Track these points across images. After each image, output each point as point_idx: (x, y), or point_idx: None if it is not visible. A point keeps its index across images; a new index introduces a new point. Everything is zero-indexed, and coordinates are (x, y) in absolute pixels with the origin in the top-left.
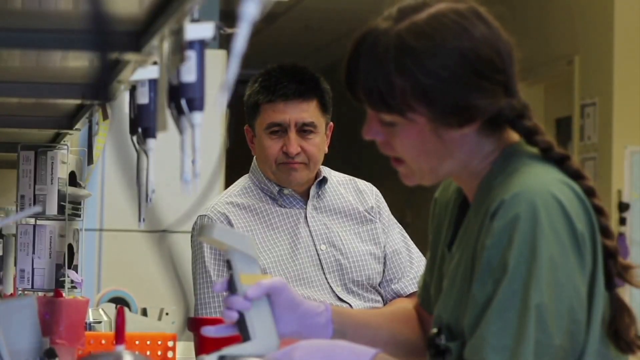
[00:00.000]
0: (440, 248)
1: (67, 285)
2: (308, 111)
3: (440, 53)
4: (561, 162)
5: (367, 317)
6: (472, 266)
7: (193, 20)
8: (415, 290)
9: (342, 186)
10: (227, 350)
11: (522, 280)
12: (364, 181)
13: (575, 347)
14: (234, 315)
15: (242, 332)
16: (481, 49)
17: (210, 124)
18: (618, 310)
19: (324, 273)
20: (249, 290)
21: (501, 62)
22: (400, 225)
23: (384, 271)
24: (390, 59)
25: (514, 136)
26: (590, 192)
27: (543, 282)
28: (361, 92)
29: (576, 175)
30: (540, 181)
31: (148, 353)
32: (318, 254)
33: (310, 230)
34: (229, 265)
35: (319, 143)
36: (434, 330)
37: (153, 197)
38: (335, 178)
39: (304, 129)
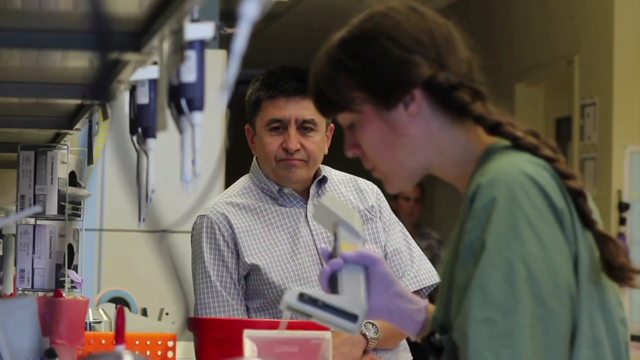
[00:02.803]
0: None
1: (67, 285)
2: (309, 109)
3: (368, 40)
4: (533, 151)
5: None
6: (457, 256)
7: (193, 20)
8: (416, 289)
9: (342, 185)
10: (310, 291)
11: (502, 254)
12: (365, 180)
13: (570, 312)
14: (327, 271)
15: (333, 292)
16: (406, 28)
17: (210, 124)
18: (603, 242)
19: None
20: (346, 253)
21: (430, 40)
22: (401, 224)
23: None
24: (327, 59)
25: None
26: (563, 175)
27: (527, 254)
28: (313, 100)
29: (548, 160)
30: (515, 164)
31: (148, 353)
32: (319, 253)
33: (310, 229)
34: (335, 236)
35: (319, 141)
36: (430, 332)
37: (153, 197)
38: (335, 177)
39: (305, 127)
